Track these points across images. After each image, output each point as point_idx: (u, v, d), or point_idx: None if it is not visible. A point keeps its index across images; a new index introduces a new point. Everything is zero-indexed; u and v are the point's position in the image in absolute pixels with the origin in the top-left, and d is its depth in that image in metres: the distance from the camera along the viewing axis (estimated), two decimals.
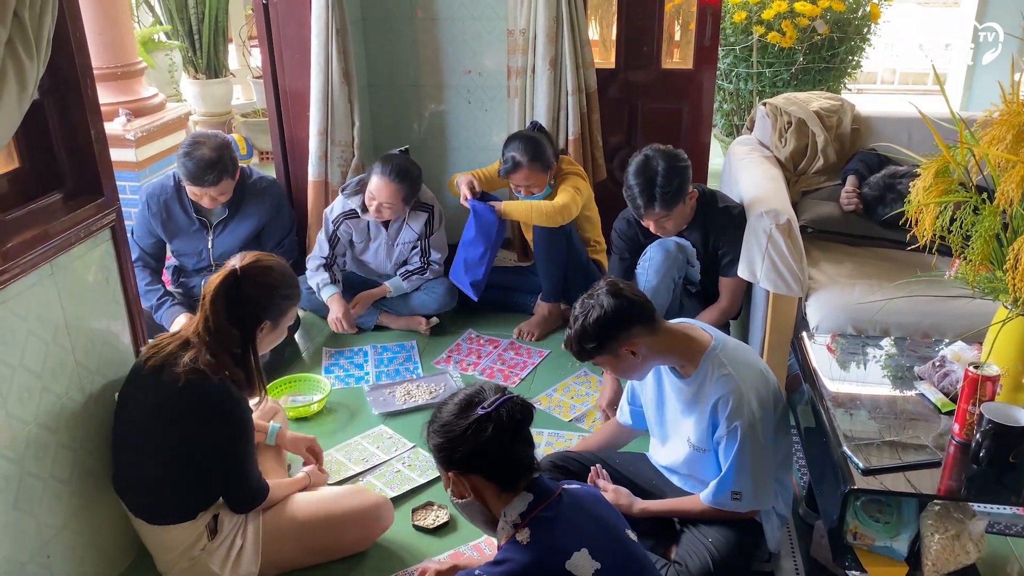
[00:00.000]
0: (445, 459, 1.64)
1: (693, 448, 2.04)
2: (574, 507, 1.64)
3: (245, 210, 3.18)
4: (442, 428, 1.62)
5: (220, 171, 2.94)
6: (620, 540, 1.65)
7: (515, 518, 1.60)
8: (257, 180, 3.22)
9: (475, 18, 3.72)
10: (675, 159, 2.76)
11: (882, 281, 2.68)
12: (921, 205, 1.83)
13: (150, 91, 4.22)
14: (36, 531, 1.90)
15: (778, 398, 2.02)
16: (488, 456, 1.60)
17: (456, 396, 1.66)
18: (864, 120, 3.41)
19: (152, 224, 3.15)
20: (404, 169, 3.17)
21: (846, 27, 5.04)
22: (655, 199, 2.75)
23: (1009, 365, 1.81)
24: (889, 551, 1.82)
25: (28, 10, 1.59)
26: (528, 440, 1.65)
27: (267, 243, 3.28)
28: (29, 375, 1.85)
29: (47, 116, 1.93)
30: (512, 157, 3.22)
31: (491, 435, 1.57)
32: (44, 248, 1.84)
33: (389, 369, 3.19)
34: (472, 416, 1.59)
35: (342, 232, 3.35)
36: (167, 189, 3.11)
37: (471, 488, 1.64)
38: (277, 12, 3.49)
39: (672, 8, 4.14)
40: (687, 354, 1.99)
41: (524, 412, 1.62)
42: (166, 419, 1.96)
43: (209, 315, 1.96)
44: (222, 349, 1.96)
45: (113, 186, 2.07)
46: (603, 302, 1.92)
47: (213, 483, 2.03)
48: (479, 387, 1.66)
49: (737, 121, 5.40)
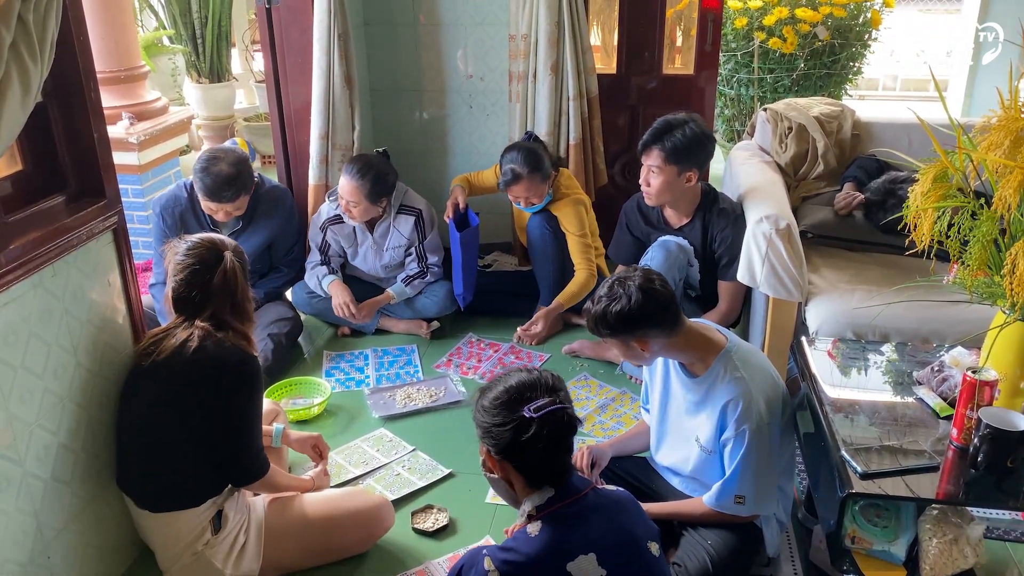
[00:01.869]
0: (482, 435, 1.63)
1: (701, 449, 2.04)
2: (596, 510, 1.63)
3: (258, 221, 3.19)
4: (487, 408, 1.61)
5: (239, 187, 2.95)
6: (638, 553, 1.63)
7: (531, 510, 1.60)
8: (270, 190, 3.23)
9: (477, 23, 3.73)
10: (704, 132, 2.85)
11: (881, 286, 2.69)
12: (919, 210, 1.84)
13: (153, 95, 4.24)
14: (37, 532, 1.91)
15: (787, 403, 2.02)
16: (523, 455, 1.59)
17: (510, 380, 1.63)
18: (864, 126, 3.42)
19: (168, 236, 3.14)
20: (365, 166, 3.16)
21: (847, 33, 5.05)
22: (660, 142, 2.81)
23: (1007, 370, 1.82)
24: (887, 555, 1.82)
25: (32, 14, 1.60)
26: (568, 449, 1.64)
27: (278, 251, 3.30)
28: (31, 376, 1.86)
29: (51, 119, 1.94)
30: (511, 170, 3.23)
31: (530, 439, 1.56)
32: (47, 250, 1.85)
33: (389, 372, 3.20)
34: (517, 413, 1.57)
35: (330, 238, 3.37)
36: (181, 201, 3.11)
37: (500, 469, 1.64)
38: (280, 17, 3.51)
39: (673, 14, 4.15)
40: (700, 353, 1.99)
41: (569, 427, 1.61)
42: (182, 394, 1.97)
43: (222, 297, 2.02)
44: (229, 318, 2.03)
45: (115, 189, 2.08)
46: (631, 295, 1.90)
47: (220, 459, 2.03)
48: (535, 380, 1.62)
49: (738, 126, 5.41)
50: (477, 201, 3.63)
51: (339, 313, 3.29)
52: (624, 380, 3.12)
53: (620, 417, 2.89)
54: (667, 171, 2.83)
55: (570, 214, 3.31)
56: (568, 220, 3.31)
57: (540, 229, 3.34)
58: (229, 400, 1.99)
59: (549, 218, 3.34)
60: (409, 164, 3.93)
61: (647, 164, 2.87)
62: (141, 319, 2.23)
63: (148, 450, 2.03)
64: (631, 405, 2.95)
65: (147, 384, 2.02)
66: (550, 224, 3.33)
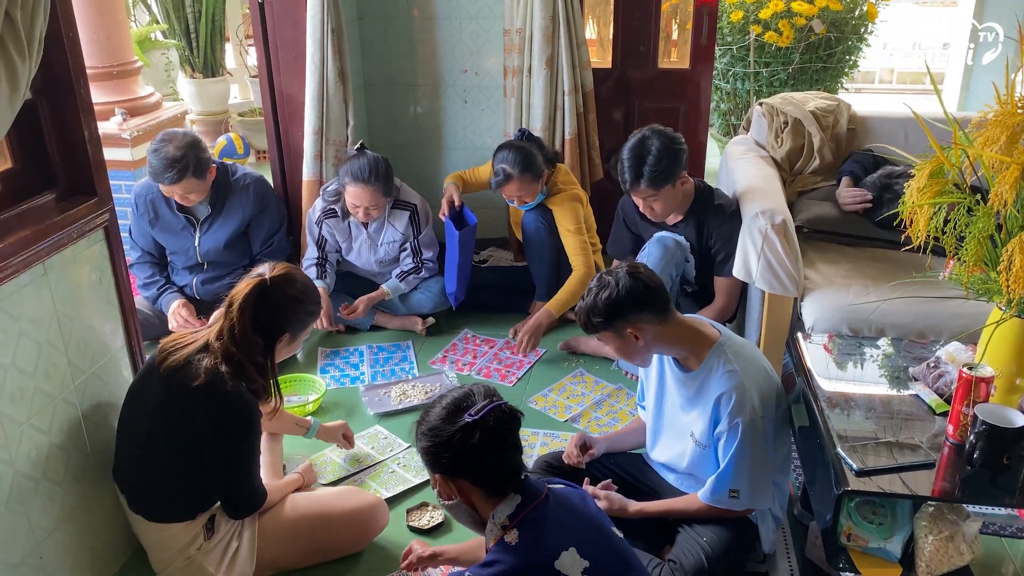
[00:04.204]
0: (432, 462, 1.63)
1: (696, 443, 2.04)
2: (561, 506, 1.64)
3: (229, 207, 3.19)
4: (429, 432, 1.61)
5: (182, 169, 2.94)
6: (606, 537, 1.65)
7: (503, 520, 1.59)
8: (240, 177, 3.22)
9: (472, 17, 3.71)
10: (671, 140, 2.80)
11: (877, 282, 2.68)
12: (915, 206, 1.83)
13: (146, 90, 4.22)
14: (29, 532, 1.90)
15: (781, 397, 2.02)
16: (475, 463, 1.59)
17: (444, 399, 1.64)
18: (860, 120, 3.41)
19: (142, 223, 3.16)
20: (373, 168, 3.13)
21: (843, 27, 5.04)
22: (641, 176, 2.78)
23: (1003, 366, 1.81)
24: (883, 552, 1.82)
25: (20, 10, 1.58)
26: (516, 446, 1.63)
27: (255, 240, 3.28)
28: (22, 375, 1.84)
29: (40, 116, 1.93)
30: (503, 169, 3.22)
31: (478, 443, 1.56)
32: (37, 248, 1.84)
33: (384, 369, 3.19)
34: (459, 423, 1.57)
35: (326, 233, 3.35)
36: (153, 188, 3.11)
37: (458, 491, 1.64)
38: (273, 11, 3.48)
39: (669, 7, 4.14)
40: (693, 347, 1.99)
41: (512, 420, 1.61)
42: (180, 420, 1.95)
43: (236, 322, 1.95)
44: (244, 357, 1.96)
45: (106, 186, 2.07)
46: (619, 280, 1.93)
47: (216, 487, 2.03)
48: (468, 391, 1.64)
49: (734, 121, 5.40)
50: (472, 196, 3.62)
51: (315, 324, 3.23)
52: (620, 376, 3.11)
53: (616, 413, 2.89)
54: (663, 193, 2.82)
55: (566, 211, 3.30)
56: (564, 216, 3.29)
57: (536, 224, 3.33)
58: (224, 440, 1.97)
59: (545, 213, 3.33)
60: (403, 159, 3.92)
61: (642, 199, 2.86)
62: (133, 316, 2.22)
63: (143, 461, 2.02)
64: (627, 401, 2.95)
65: (151, 393, 1.99)
66: (545, 219, 3.32)
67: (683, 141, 2.85)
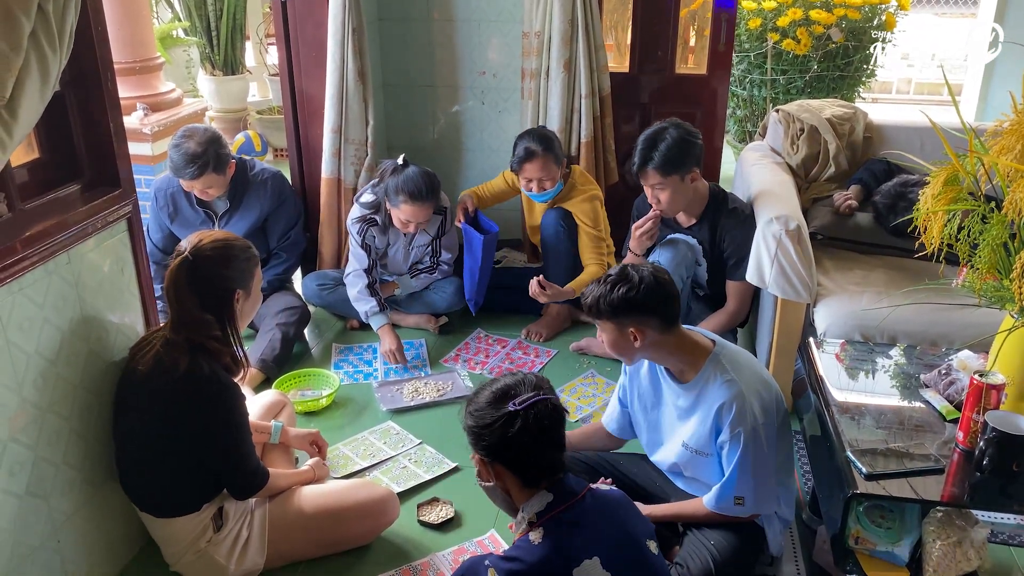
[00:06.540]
0: (473, 442, 1.66)
1: (686, 449, 2.05)
2: (597, 512, 1.63)
3: (247, 202, 3.24)
4: (475, 413, 1.64)
5: (202, 165, 2.99)
6: (639, 552, 1.64)
7: (532, 516, 1.61)
8: (258, 172, 3.28)
9: (491, 20, 3.74)
10: (687, 132, 2.83)
11: (890, 289, 2.68)
12: (929, 213, 1.84)
13: (167, 86, 4.26)
14: (48, 516, 1.93)
15: (780, 403, 2.02)
16: (513, 452, 1.61)
17: (496, 383, 1.67)
18: (876, 128, 3.41)
19: (161, 217, 3.21)
20: (428, 185, 3.10)
21: (861, 36, 5.04)
22: (650, 160, 2.79)
23: (1014, 374, 1.82)
24: (891, 556, 1.83)
25: (52, 4, 1.62)
26: (558, 443, 1.65)
27: (272, 235, 3.33)
28: (44, 362, 1.88)
29: (68, 108, 1.96)
30: (527, 147, 3.22)
31: (518, 433, 1.58)
32: (61, 237, 1.87)
33: (397, 366, 3.21)
34: (503, 410, 1.60)
35: (369, 240, 3.29)
36: (173, 183, 3.17)
37: (495, 474, 1.66)
38: (295, 11, 3.52)
39: (687, 14, 4.15)
40: (689, 359, 2.00)
41: (554, 416, 1.62)
42: (164, 418, 1.97)
43: (180, 309, 1.95)
44: (205, 337, 1.96)
45: (130, 178, 2.10)
46: (643, 280, 1.91)
47: (214, 473, 2.05)
48: (520, 378, 1.65)
49: (750, 127, 5.40)
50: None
51: (387, 360, 3.19)
52: None
53: None
54: (670, 182, 2.83)
55: (587, 209, 3.31)
56: (585, 214, 3.30)
57: (555, 227, 3.33)
58: (207, 425, 1.98)
59: (564, 215, 3.34)
60: (421, 160, 3.91)
61: (649, 185, 2.87)
62: (153, 307, 2.25)
63: (142, 465, 2.05)
64: None
65: (132, 397, 2.02)
66: (565, 221, 3.33)
67: (699, 136, 2.86)
